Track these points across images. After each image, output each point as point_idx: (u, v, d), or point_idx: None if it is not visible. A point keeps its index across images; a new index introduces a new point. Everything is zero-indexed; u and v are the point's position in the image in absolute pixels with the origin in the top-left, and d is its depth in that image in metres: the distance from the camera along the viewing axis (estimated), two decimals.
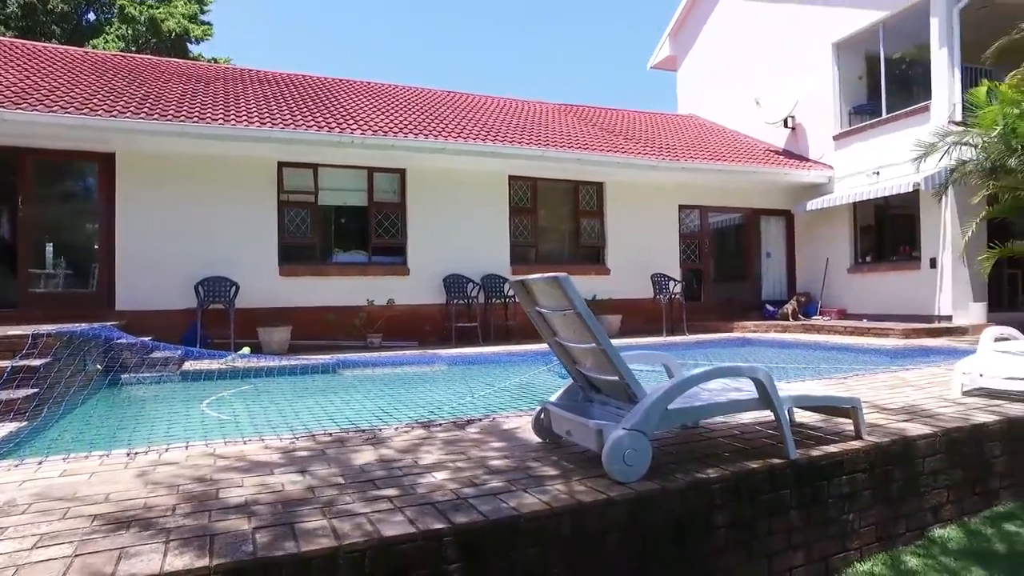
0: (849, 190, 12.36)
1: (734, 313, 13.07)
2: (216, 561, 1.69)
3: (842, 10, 12.83)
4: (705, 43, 17.45)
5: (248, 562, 1.71)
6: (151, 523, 2.02)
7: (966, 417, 3.73)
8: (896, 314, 11.33)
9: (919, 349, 8.27)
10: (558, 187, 12.55)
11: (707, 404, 2.71)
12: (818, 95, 13.43)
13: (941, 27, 10.76)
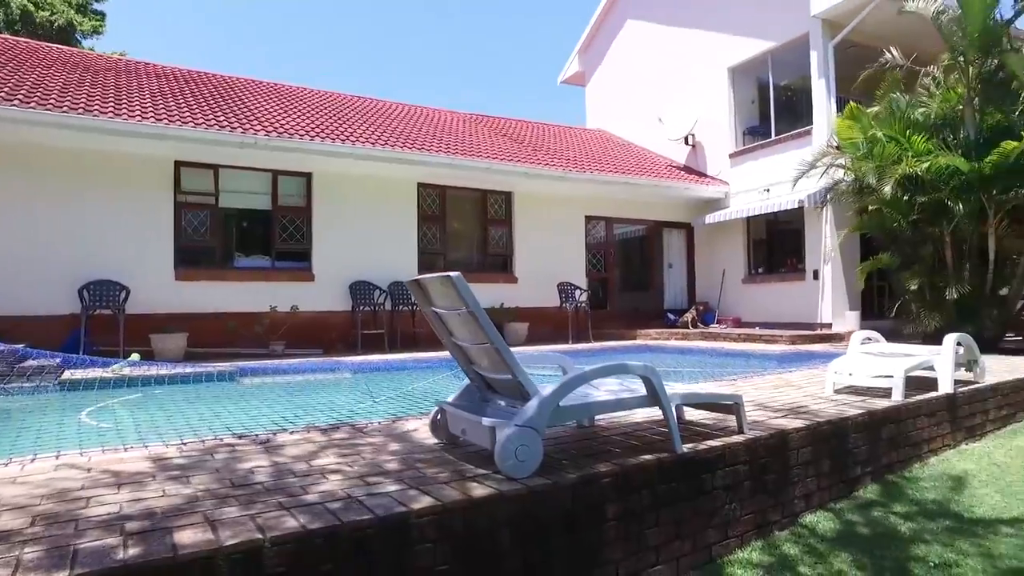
0: (743, 205, 13.13)
1: (638, 321, 13.56)
2: (77, 571, 1.58)
3: (737, 38, 13.67)
4: (612, 61, 18.11)
5: (116, 570, 1.62)
6: (3, 537, 1.87)
7: (835, 411, 4.05)
8: (785, 322, 12.12)
9: (803, 353, 8.86)
10: (467, 196, 12.63)
11: (598, 401, 2.82)
12: (716, 115, 14.22)
13: (819, 60, 11.70)
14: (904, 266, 9.38)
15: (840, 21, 11.54)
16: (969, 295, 8.47)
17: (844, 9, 11.28)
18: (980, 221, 8.38)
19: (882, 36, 10.74)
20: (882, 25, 11.03)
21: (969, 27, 8.33)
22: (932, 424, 4.71)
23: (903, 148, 8.67)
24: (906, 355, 5.00)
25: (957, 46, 8.58)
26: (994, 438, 5.27)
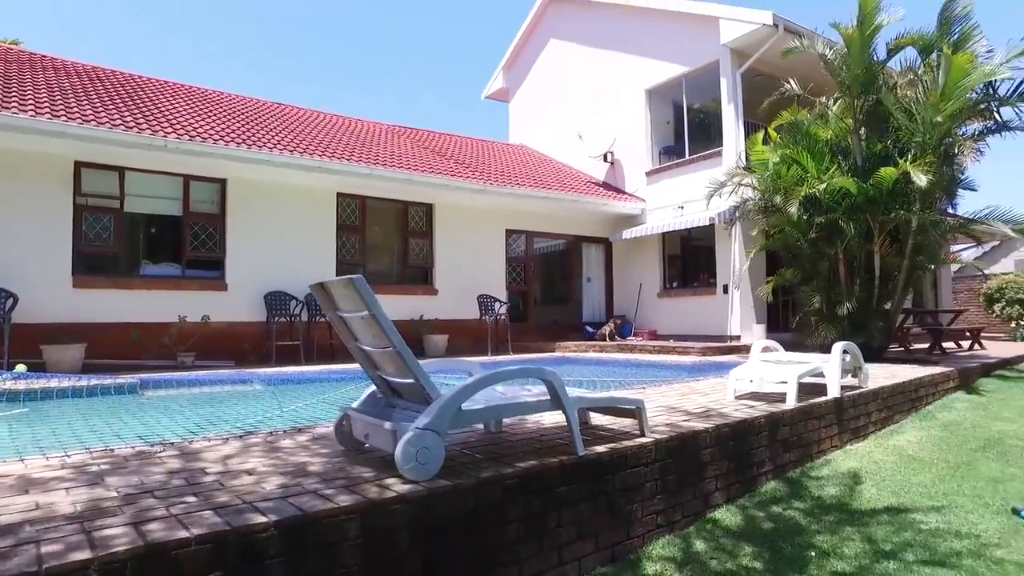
0: (659, 222, 13.62)
1: (557, 334, 13.78)
2: None
3: (653, 62, 14.25)
4: (536, 78, 18.46)
5: None
6: None
7: (734, 415, 4.27)
8: (698, 334, 12.61)
9: (712, 364, 9.24)
10: (388, 207, 12.53)
11: (501, 404, 2.88)
12: (633, 134, 14.73)
13: (728, 86, 12.37)
14: (804, 281, 9.98)
15: (746, 51, 12.23)
16: (859, 309, 9.09)
17: (749, 41, 11.97)
18: (868, 240, 9.03)
19: (783, 67, 11.46)
20: (783, 56, 11.73)
21: (852, 66, 9.02)
22: (822, 426, 5.03)
23: (804, 171, 9.26)
24: (799, 363, 5.33)
25: (843, 82, 9.26)
26: (875, 438, 5.68)
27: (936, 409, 7.02)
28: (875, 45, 9.17)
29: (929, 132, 8.38)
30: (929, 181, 7.98)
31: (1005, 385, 8.58)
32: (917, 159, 8.37)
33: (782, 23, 11.41)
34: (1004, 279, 17.63)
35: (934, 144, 8.43)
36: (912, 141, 8.67)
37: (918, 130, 8.52)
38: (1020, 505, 3.87)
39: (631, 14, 14.80)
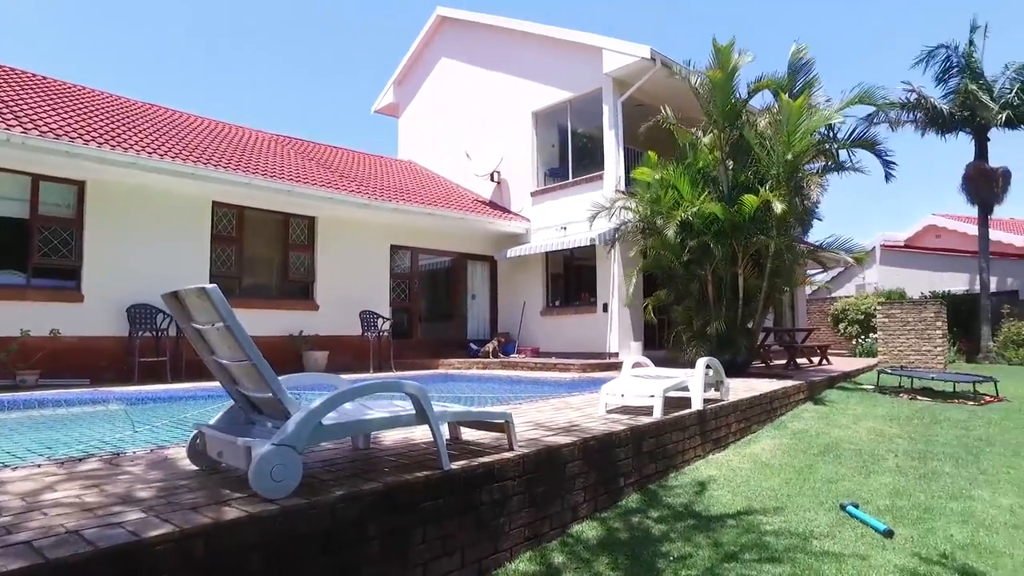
0: (543, 241, 13.96)
1: (442, 351, 13.73)
2: None
3: (541, 86, 14.69)
4: (426, 95, 18.49)
5: None
6: None
7: (602, 428, 4.42)
8: (578, 352, 12.96)
9: (591, 380, 9.53)
10: (268, 218, 12.05)
11: (365, 419, 2.83)
12: (520, 155, 15.06)
13: (610, 113, 12.98)
14: (677, 301, 10.55)
15: (627, 81, 12.89)
16: (726, 327, 9.73)
17: (629, 71, 12.63)
18: (733, 263, 9.71)
19: (661, 97, 12.18)
20: (661, 88, 12.51)
21: (719, 101, 9.75)
22: (686, 437, 5.31)
23: (681, 195, 9.85)
24: (666, 377, 5.62)
25: (712, 115, 9.99)
26: (734, 447, 6.08)
27: (788, 419, 7.61)
28: (737, 85, 9.96)
29: (782, 166, 9.18)
30: (783, 210, 8.73)
31: (844, 395, 9.46)
32: (774, 189, 9.12)
33: (659, 58, 12.12)
34: (847, 301, 19.51)
35: (786, 177, 9.24)
36: (769, 173, 9.45)
37: (773, 163, 9.31)
38: (846, 501, 4.27)
39: (520, 39, 15.20)
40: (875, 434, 7.01)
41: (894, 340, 14.18)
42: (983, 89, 16.55)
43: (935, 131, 17.53)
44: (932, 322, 13.75)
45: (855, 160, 9.99)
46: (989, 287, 17.14)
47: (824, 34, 49.78)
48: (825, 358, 13.51)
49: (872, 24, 50.35)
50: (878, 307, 14.86)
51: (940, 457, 5.99)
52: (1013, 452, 6.31)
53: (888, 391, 10.00)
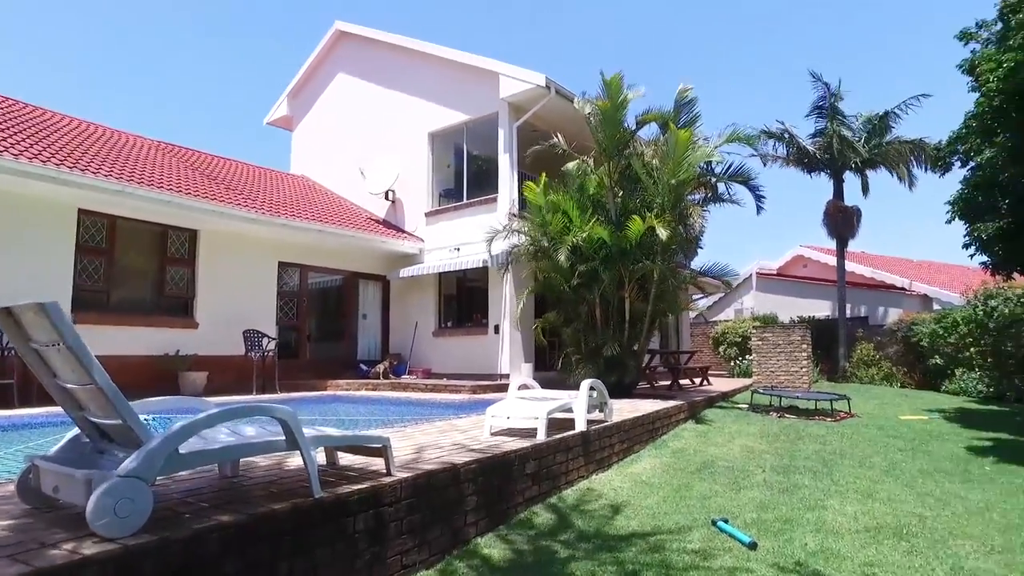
0: (436, 262, 13.89)
1: (331, 372, 13.28)
2: None
3: (438, 107, 14.72)
4: (322, 109, 18.04)
5: None
6: None
7: (485, 451, 4.40)
8: (470, 373, 12.93)
9: (481, 401, 9.50)
10: (143, 229, 11.25)
11: (230, 446, 2.65)
12: (416, 174, 14.97)
13: (505, 137, 13.19)
14: (566, 324, 10.78)
15: (523, 107, 13.17)
16: (614, 350, 10.03)
17: (525, 98, 12.92)
18: (620, 288, 10.06)
19: (555, 124, 12.54)
20: (556, 115, 12.87)
21: (608, 131, 10.17)
22: (569, 458, 5.39)
23: (570, 220, 10.12)
24: (551, 399, 5.69)
25: (602, 144, 10.39)
26: (617, 467, 6.24)
27: (669, 438, 7.92)
28: (626, 116, 10.43)
29: (667, 195, 9.66)
30: (668, 236, 9.17)
31: (722, 415, 9.99)
32: (659, 217, 9.57)
33: (554, 86, 12.48)
34: (727, 325, 20.70)
35: (671, 206, 9.73)
36: (655, 201, 9.91)
37: (659, 192, 9.78)
38: (717, 517, 4.48)
39: (419, 59, 15.20)
40: (747, 451, 7.43)
41: (767, 361, 15.17)
42: (843, 134, 18.25)
43: (802, 169, 19.12)
44: (799, 345, 14.83)
45: (732, 192, 10.70)
46: (846, 313, 18.77)
47: (712, 68, 53.32)
48: (706, 379, 14.22)
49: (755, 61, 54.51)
50: (753, 331, 15.87)
51: (801, 471, 6.43)
52: (859, 463, 6.89)
53: (760, 410, 10.65)
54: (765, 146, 18.84)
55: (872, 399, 13.02)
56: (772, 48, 50.15)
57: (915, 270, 23.68)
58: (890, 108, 18.06)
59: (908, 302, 20.86)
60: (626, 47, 50.59)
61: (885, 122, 18.15)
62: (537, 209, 10.58)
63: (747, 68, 53.00)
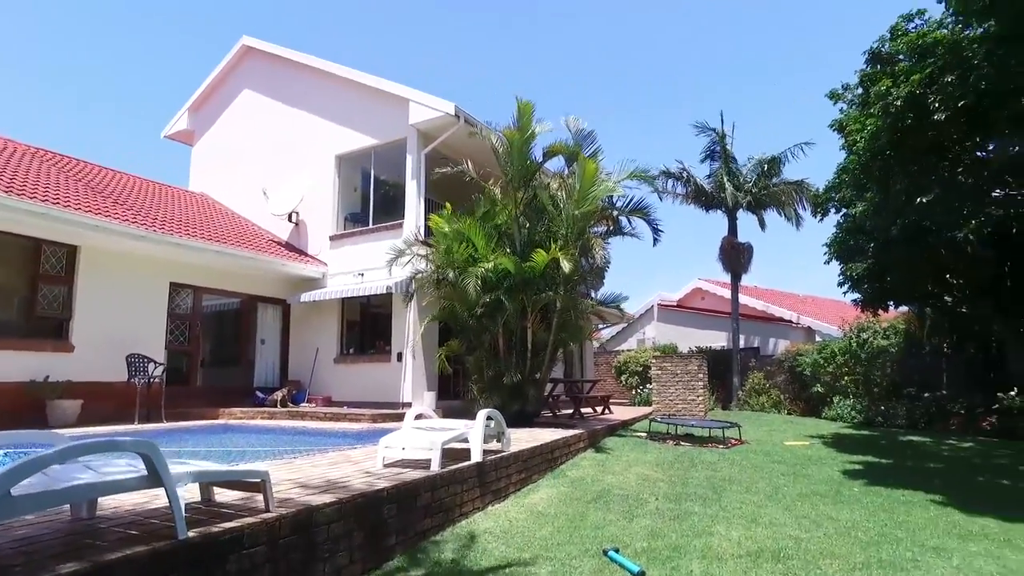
0: (340, 286, 13.56)
1: (225, 399, 12.60)
2: None
3: (346, 130, 14.51)
4: (225, 125, 17.38)
5: None
6: None
7: (373, 484, 4.28)
8: (372, 401, 12.61)
9: (380, 431, 9.25)
10: (11, 242, 10.34)
11: (73, 487, 2.43)
12: (321, 197, 14.64)
13: (413, 163, 13.15)
14: (470, 352, 10.75)
15: (432, 134, 13.20)
16: (517, 379, 10.08)
17: (434, 125, 12.96)
18: (523, 317, 10.16)
19: (463, 152, 12.62)
20: (464, 144, 12.97)
21: (515, 163, 10.35)
22: (464, 490, 5.33)
23: (476, 249, 10.15)
24: (446, 429, 5.63)
25: (509, 174, 10.55)
26: (514, 498, 6.22)
27: (568, 467, 8.00)
28: (533, 148, 10.67)
29: (571, 227, 9.90)
30: (571, 268, 9.37)
31: (621, 443, 10.20)
32: (563, 248, 9.77)
33: (463, 115, 12.59)
34: (629, 355, 21.32)
35: (574, 237, 9.97)
36: (559, 233, 10.13)
37: (563, 224, 10.01)
38: (609, 547, 4.53)
39: (328, 80, 14.98)
40: (642, 479, 7.61)
41: (666, 390, 15.69)
42: (733, 176, 19.46)
43: (700, 206, 20.17)
44: (695, 374, 15.45)
45: (632, 226, 11.10)
46: (739, 344, 19.78)
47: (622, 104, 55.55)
48: (608, 408, 14.52)
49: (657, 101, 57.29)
50: (653, 360, 16.41)
51: (692, 498, 6.64)
52: (746, 489, 7.21)
53: (658, 438, 10.96)
54: (665, 184, 19.82)
55: (762, 426, 13.70)
56: (676, 91, 52.95)
57: (801, 304, 25.34)
58: (777, 153, 19.39)
59: (795, 334, 22.26)
60: (535, 83, 51.96)
61: (774, 165, 19.45)
62: (443, 237, 10.57)
63: (654, 109, 55.62)
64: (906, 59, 8.41)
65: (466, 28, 46.52)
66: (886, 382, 15.51)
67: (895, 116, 8.17)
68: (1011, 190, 9.45)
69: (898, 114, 8.14)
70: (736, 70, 50.51)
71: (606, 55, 48.76)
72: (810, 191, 17.61)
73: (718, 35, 47.36)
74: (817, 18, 43.58)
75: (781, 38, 46.22)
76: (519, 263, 9.79)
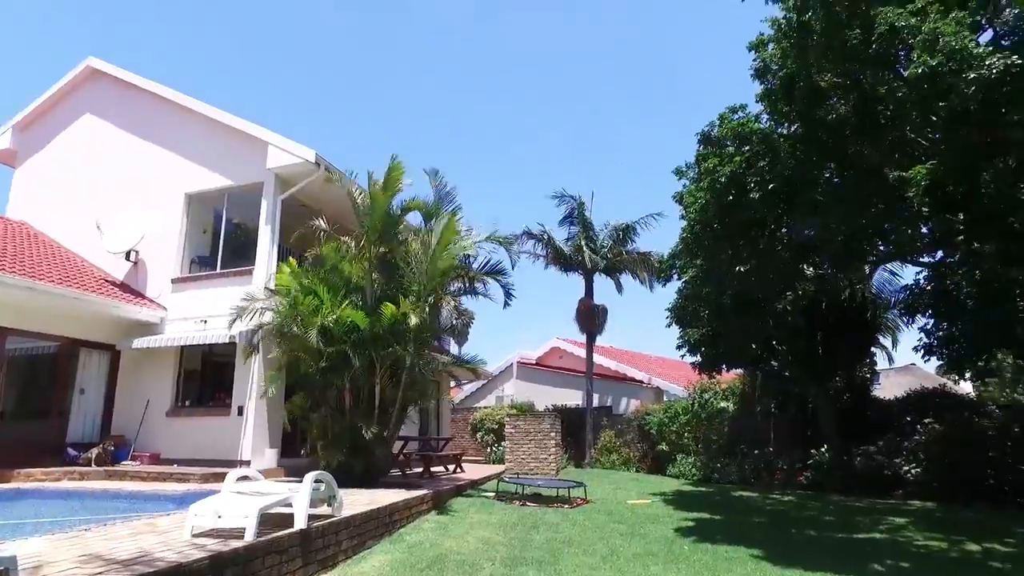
0: (180, 333, 12.56)
1: (28, 457, 11.04)
2: None
3: (199, 168, 13.74)
4: (59, 148, 15.85)
5: None
6: None
7: (174, 559, 3.88)
8: (207, 459, 11.61)
9: (208, 493, 8.53)
10: None
11: None
12: (166, 237, 13.63)
13: (268, 209, 12.65)
14: (314, 408, 10.27)
15: (291, 180, 12.82)
16: (361, 436, 9.72)
17: (294, 171, 12.62)
18: (372, 373, 9.89)
19: (322, 201, 12.35)
20: (324, 192, 12.72)
21: (374, 215, 10.27)
22: (284, 560, 4.96)
23: (321, 301, 9.82)
24: (268, 494, 5.26)
25: (366, 227, 10.43)
26: (343, 566, 5.89)
27: (408, 531, 7.74)
28: (394, 203, 10.64)
29: (423, 283, 9.88)
30: (418, 323, 9.30)
31: (468, 504, 10.07)
32: (413, 304, 9.69)
33: (324, 164, 12.36)
34: (485, 412, 21.36)
35: (426, 293, 9.95)
36: (411, 289, 10.07)
37: (416, 280, 9.98)
38: None
39: (183, 114, 14.21)
40: (482, 542, 7.50)
41: (519, 448, 15.78)
42: (591, 240, 20.51)
43: (560, 268, 20.98)
44: (548, 432, 15.70)
45: (486, 287, 11.28)
46: (593, 403, 20.44)
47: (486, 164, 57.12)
48: (460, 466, 14.33)
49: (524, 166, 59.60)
50: (507, 418, 16.51)
51: (529, 562, 6.62)
52: (584, 551, 7.31)
53: (505, 498, 10.93)
54: (525, 244, 20.54)
55: (609, 484, 14.09)
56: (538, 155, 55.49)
57: (652, 365, 26.73)
58: (632, 221, 20.70)
59: (645, 393, 23.35)
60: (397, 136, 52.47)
61: (629, 232, 20.71)
62: (288, 288, 10.17)
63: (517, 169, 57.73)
64: (730, 143, 9.43)
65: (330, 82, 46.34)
66: (723, 440, 16.58)
67: (720, 191, 9.12)
68: (818, 268, 10.70)
69: (723, 190, 9.08)
70: (597, 144, 53.96)
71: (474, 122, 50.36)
72: (653, 262, 18.89)
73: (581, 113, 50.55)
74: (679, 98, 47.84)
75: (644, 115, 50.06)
76: (367, 317, 9.58)
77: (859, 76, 8.64)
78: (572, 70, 46.23)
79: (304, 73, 45.81)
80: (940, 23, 7.03)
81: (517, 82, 46.44)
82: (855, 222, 8.64)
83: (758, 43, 9.82)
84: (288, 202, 12.86)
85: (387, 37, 43.33)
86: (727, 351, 12.90)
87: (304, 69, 46.44)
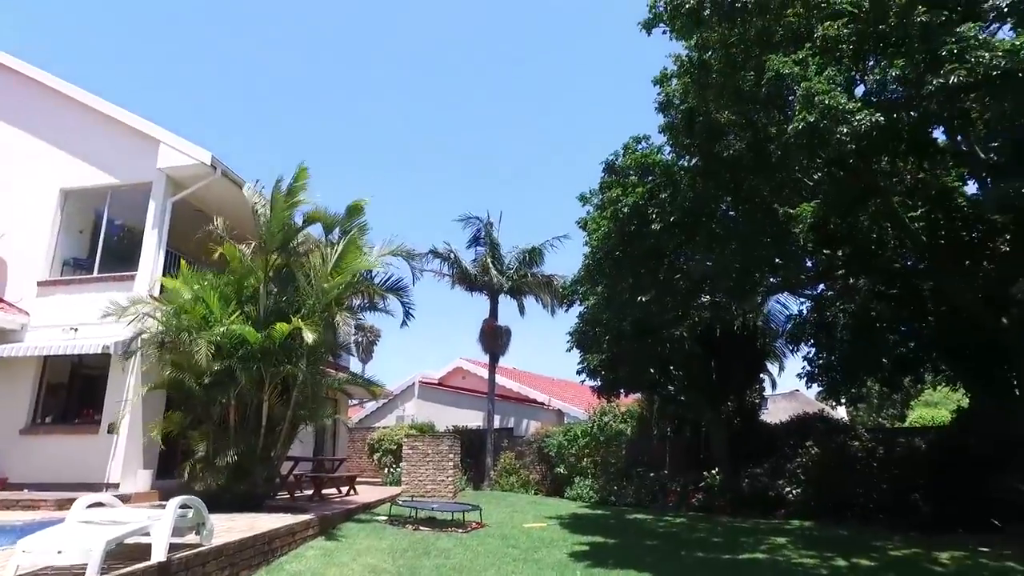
0: (44, 342, 11.38)
1: None
2: None
3: (79, 162, 12.65)
4: None
5: None
6: None
7: None
8: (69, 482, 10.47)
9: (59, 521, 7.68)
10: None
11: None
12: (34, 235, 12.40)
13: (156, 211, 11.77)
14: (194, 426, 9.55)
15: (183, 183, 12.03)
16: (245, 456, 9.11)
17: (187, 173, 11.85)
18: (260, 390, 9.31)
19: (216, 206, 11.65)
20: (220, 197, 12.01)
21: (273, 222, 9.77)
22: None
23: (211, 312, 9.18)
24: (121, 523, 4.73)
25: (264, 237, 9.89)
26: None
27: (289, 559, 7.25)
28: (295, 213, 10.16)
29: (320, 298, 9.44)
30: (315, 340, 8.85)
31: (358, 529, 9.61)
32: (308, 319, 9.23)
33: (220, 167, 11.69)
34: (383, 432, 20.75)
35: (322, 309, 9.51)
36: (306, 303, 9.60)
37: (311, 294, 9.53)
38: None
39: (62, 102, 13.06)
40: (369, 570, 7.14)
41: (416, 470, 15.33)
42: (498, 261, 20.52)
43: (465, 288, 20.81)
44: (446, 454, 15.36)
45: (386, 304, 10.95)
46: (494, 424, 20.26)
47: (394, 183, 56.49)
48: (353, 488, 13.75)
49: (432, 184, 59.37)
50: (405, 439, 16.03)
51: None
52: None
53: (398, 522, 10.53)
54: (431, 263, 20.30)
55: (506, 507, 13.91)
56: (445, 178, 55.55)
57: (554, 387, 26.92)
58: (538, 244, 20.86)
59: (546, 415, 23.42)
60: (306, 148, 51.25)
61: (535, 255, 20.84)
62: (176, 295, 9.45)
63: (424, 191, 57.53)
64: (633, 172, 9.66)
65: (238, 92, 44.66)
66: (621, 463, 16.82)
67: (623, 221, 9.30)
68: (713, 297, 11.11)
69: (625, 219, 9.27)
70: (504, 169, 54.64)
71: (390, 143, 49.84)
72: (557, 287, 19.11)
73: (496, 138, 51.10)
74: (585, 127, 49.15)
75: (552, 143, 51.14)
76: (256, 331, 9.02)
77: (753, 116, 9.08)
78: (479, 92, 46.67)
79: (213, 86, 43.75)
80: (815, 79, 7.44)
81: (426, 104, 46.35)
82: (749, 255, 9.03)
83: (662, 77, 10.15)
84: (181, 206, 12.04)
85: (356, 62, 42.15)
86: (626, 375, 13.13)
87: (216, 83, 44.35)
